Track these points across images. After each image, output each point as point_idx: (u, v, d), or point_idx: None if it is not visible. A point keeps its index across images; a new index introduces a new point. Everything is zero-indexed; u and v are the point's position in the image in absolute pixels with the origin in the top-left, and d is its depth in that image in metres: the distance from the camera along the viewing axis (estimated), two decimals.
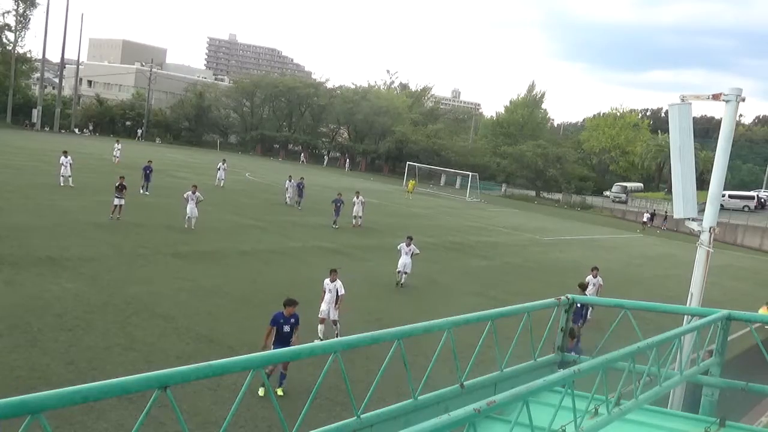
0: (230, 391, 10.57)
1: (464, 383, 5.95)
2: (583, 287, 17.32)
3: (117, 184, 24.61)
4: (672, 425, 6.27)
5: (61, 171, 31.64)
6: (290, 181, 37.54)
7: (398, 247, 21.08)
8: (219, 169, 41.49)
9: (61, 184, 31.32)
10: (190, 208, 25.08)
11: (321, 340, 13.39)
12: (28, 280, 15.46)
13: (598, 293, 19.04)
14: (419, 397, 5.44)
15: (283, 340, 10.94)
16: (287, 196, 37.28)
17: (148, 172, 33.39)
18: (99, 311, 13.97)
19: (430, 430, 3.24)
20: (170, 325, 13.86)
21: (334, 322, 14.34)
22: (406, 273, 20.67)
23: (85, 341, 12.20)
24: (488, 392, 5.98)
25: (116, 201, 24.32)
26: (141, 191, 32.19)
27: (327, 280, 14.57)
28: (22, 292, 14.47)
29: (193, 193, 25.22)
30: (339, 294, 14.30)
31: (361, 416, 4.84)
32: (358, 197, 32.44)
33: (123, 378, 3.26)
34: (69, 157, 31.97)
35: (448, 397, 5.76)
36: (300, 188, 36.48)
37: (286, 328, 11.09)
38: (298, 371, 11.40)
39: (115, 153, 47.41)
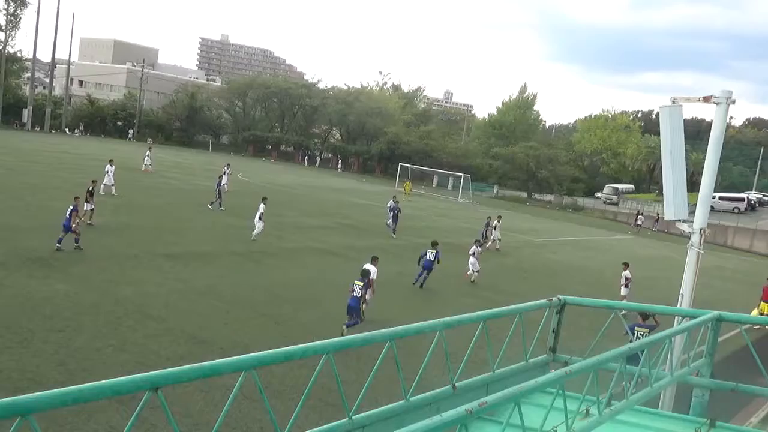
0: (222, 393, 10.53)
1: (456, 384, 5.96)
2: (435, 244, 21.69)
3: (89, 189, 24.02)
4: (662, 426, 6.30)
5: (105, 180, 30.60)
6: (395, 201, 33.52)
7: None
8: (224, 174, 36.73)
9: (102, 193, 29.46)
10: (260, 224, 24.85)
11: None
12: (18, 281, 15.36)
13: (627, 285, 22.20)
14: (411, 399, 5.44)
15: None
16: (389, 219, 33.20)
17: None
18: (90, 312, 13.89)
19: (422, 431, 3.24)
20: (162, 326, 13.80)
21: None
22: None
23: (76, 342, 12.13)
24: (480, 393, 5.99)
25: (86, 206, 23.18)
26: (212, 206, 31.43)
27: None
28: (12, 293, 14.37)
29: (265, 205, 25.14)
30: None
31: (353, 417, 4.83)
32: (498, 221, 32.69)
33: (114, 379, 3.25)
34: (113, 166, 31.38)
35: (440, 398, 5.76)
36: (395, 212, 32.51)
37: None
38: (290, 372, 11.39)
39: (145, 161, 44.15)
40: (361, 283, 15.42)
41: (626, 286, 22.13)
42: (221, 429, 3.93)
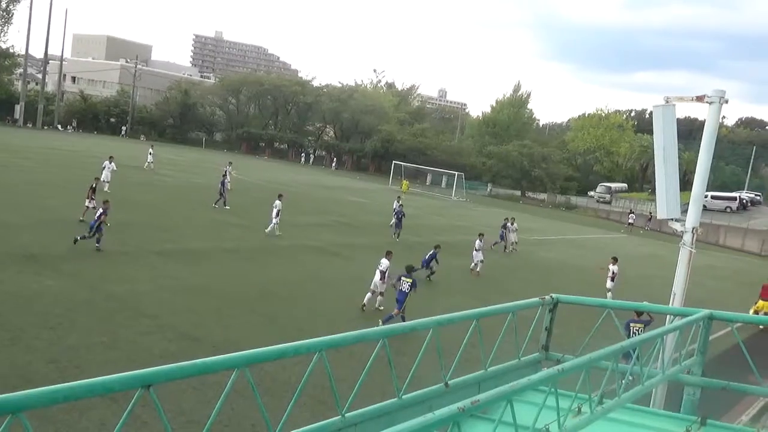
0: (214, 390, 10.50)
1: (449, 382, 5.96)
2: (436, 246, 22.71)
3: (92, 186, 23.95)
4: (654, 424, 6.32)
5: (102, 176, 30.21)
6: (399, 204, 33.00)
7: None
8: (227, 173, 36.34)
9: None
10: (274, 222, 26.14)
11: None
12: (9, 278, 15.28)
13: (613, 279, 23.32)
14: (404, 396, 5.44)
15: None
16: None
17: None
18: (82, 309, 13.84)
19: (415, 429, 3.24)
20: (154, 323, 13.76)
21: (381, 293, 17.31)
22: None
23: (68, 339, 12.08)
24: (472, 391, 5.99)
25: (87, 203, 23.30)
26: (227, 206, 31.36)
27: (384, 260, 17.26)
28: (3, 290, 14.29)
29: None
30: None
31: (346, 415, 4.83)
32: (513, 223, 33.23)
33: (106, 377, 3.23)
34: (113, 164, 31.56)
35: (432, 396, 5.76)
36: (399, 216, 31.31)
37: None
38: (283, 370, 11.38)
39: (149, 159, 44.73)
40: (410, 280, 15.68)
41: (612, 279, 23.08)
42: (214, 426, 3.92)
